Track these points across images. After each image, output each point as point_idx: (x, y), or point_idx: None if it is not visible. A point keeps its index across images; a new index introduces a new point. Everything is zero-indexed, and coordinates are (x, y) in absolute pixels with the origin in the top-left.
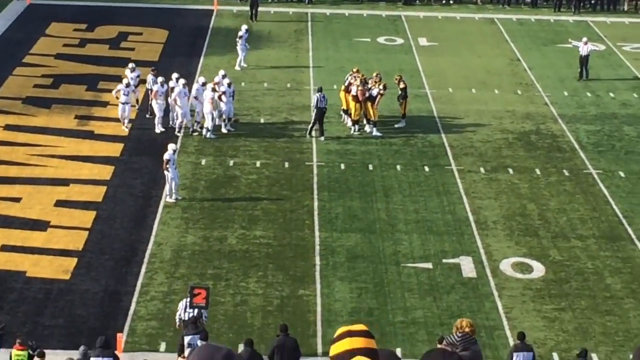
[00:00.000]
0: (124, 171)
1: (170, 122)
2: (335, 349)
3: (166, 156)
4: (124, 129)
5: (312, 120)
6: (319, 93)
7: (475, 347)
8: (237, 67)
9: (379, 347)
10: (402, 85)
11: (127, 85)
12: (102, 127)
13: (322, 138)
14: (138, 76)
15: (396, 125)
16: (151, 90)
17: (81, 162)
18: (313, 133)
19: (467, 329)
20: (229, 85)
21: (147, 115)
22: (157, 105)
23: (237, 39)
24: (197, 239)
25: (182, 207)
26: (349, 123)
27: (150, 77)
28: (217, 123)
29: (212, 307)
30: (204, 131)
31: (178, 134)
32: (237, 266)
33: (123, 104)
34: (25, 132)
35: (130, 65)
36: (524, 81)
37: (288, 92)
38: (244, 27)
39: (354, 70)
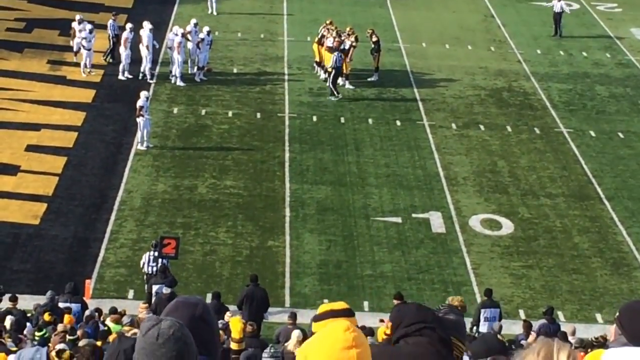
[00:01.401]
0: (95, 117)
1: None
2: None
3: (139, 103)
4: (84, 76)
5: (332, 80)
6: (337, 53)
7: (460, 317)
8: (211, 12)
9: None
10: (374, 39)
11: (91, 31)
12: (74, 73)
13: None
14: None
15: (369, 79)
16: (115, 36)
17: (53, 107)
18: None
19: (455, 303)
20: (208, 33)
21: (109, 60)
22: (125, 53)
23: None
24: (167, 187)
25: (153, 155)
26: (322, 75)
27: (110, 22)
28: (190, 71)
29: (181, 255)
30: (173, 79)
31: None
32: (206, 215)
33: (88, 50)
34: None
35: (78, 17)
36: (497, 38)
37: (262, 43)
38: None
39: (327, 22)
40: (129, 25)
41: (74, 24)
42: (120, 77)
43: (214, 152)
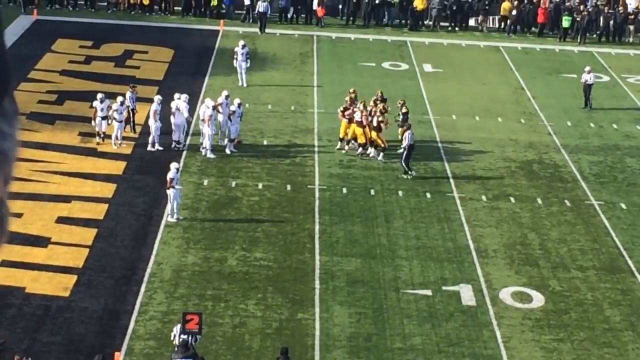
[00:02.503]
0: (126, 189)
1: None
2: None
3: (170, 175)
4: (115, 148)
5: (405, 158)
6: (409, 131)
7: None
8: (241, 84)
9: None
10: (404, 110)
11: (122, 103)
12: (105, 145)
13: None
14: (109, 106)
15: (398, 151)
16: (133, 108)
17: (83, 179)
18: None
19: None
20: (239, 105)
21: (132, 133)
22: (154, 125)
23: (234, 57)
24: (197, 259)
25: (183, 227)
26: (345, 148)
27: (128, 94)
28: (220, 143)
29: (210, 328)
30: (203, 151)
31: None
32: (236, 288)
33: (119, 122)
34: (29, 147)
35: (100, 95)
36: (527, 110)
37: (292, 115)
38: (241, 42)
39: (351, 91)
40: (157, 97)
41: (96, 103)
42: (150, 148)
43: (244, 224)
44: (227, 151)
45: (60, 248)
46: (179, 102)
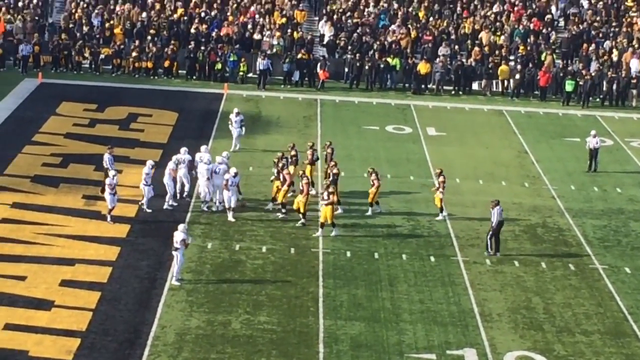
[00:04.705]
0: (130, 252)
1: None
2: None
3: (182, 236)
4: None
5: (491, 236)
6: (498, 207)
7: None
8: (232, 149)
9: None
10: (441, 179)
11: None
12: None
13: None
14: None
15: (438, 218)
16: (110, 170)
17: (87, 242)
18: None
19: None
20: (235, 175)
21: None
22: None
23: (229, 123)
24: (201, 322)
25: (187, 290)
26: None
27: (106, 157)
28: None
29: None
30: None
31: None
32: (240, 352)
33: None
34: (33, 210)
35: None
36: (531, 174)
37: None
38: (235, 110)
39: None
40: (150, 162)
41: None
42: (147, 209)
43: (248, 287)
44: (231, 219)
45: (63, 311)
46: (219, 165)
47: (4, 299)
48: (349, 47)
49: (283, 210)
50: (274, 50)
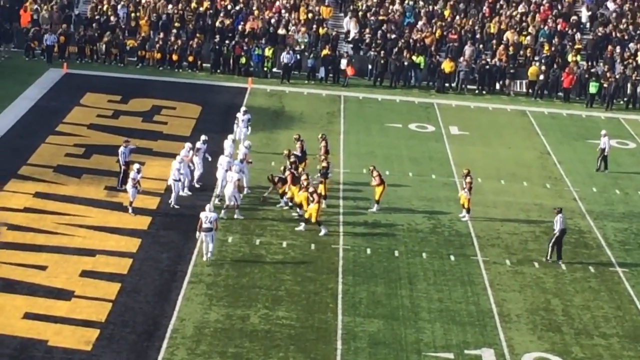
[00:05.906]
0: (150, 244)
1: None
2: None
3: (212, 218)
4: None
5: (555, 240)
6: (560, 215)
7: None
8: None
9: None
10: (468, 180)
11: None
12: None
13: (561, 262)
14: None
15: (464, 218)
16: (125, 162)
17: (109, 233)
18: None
19: None
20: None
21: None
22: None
23: (235, 123)
24: (219, 316)
25: (207, 284)
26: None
27: (121, 149)
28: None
29: None
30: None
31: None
32: (258, 346)
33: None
34: (55, 200)
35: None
36: (553, 175)
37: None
38: (243, 108)
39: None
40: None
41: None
42: (175, 206)
43: (267, 282)
44: (238, 216)
45: (83, 302)
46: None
47: (25, 288)
48: (374, 44)
49: (298, 210)
50: (302, 46)
